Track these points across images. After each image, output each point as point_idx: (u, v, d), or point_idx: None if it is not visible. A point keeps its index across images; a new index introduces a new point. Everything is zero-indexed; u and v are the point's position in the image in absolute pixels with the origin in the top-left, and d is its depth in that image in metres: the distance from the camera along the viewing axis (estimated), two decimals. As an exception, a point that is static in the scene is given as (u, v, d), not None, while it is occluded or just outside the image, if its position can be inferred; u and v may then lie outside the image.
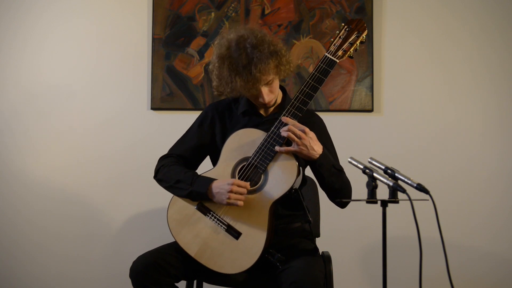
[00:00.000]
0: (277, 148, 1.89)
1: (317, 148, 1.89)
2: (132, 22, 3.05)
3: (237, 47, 1.92)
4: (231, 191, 1.88)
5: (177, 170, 2.03)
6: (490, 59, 2.96)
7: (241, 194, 1.88)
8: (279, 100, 2.08)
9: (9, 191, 3.04)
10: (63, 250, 3.01)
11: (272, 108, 2.08)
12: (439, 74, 2.98)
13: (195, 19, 3.02)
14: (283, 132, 1.87)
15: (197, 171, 2.08)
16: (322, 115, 2.21)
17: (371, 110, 2.95)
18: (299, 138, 1.85)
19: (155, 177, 2.11)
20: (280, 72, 1.97)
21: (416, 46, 2.99)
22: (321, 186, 2.01)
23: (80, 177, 3.02)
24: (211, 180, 1.95)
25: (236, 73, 1.90)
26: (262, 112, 2.09)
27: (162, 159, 2.13)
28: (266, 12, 3.00)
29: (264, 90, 1.94)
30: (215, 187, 1.92)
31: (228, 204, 1.89)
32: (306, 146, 1.86)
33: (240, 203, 1.88)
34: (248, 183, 1.91)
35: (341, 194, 1.99)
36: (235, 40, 1.93)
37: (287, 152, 1.88)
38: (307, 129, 1.87)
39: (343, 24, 1.98)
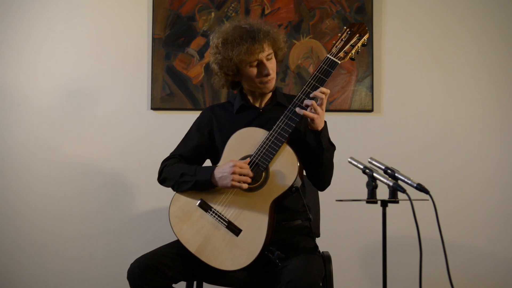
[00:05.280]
0: (297, 109, 1.91)
1: (323, 121, 1.98)
2: (132, 22, 3.05)
3: (235, 29, 2.01)
4: (233, 173, 1.90)
5: (180, 166, 2.06)
6: (490, 59, 2.96)
7: (244, 175, 1.90)
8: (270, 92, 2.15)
9: (9, 191, 3.04)
10: (63, 250, 3.01)
11: (266, 100, 2.14)
12: (439, 74, 2.98)
13: (195, 19, 3.02)
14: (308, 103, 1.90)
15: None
16: (322, 115, 2.20)
17: (371, 110, 2.95)
18: (321, 111, 1.90)
19: (158, 178, 2.12)
20: (276, 48, 2.04)
21: (416, 46, 2.99)
22: (315, 161, 2.00)
23: (80, 177, 3.02)
24: (213, 167, 1.98)
25: (241, 40, 1.96)
26: (257, 104, 2.14)
27: (164, 161, 2.16)
28: (266, 12, 3.00)
29: (266, 63, 2.01)
30: (218, 172, 1.94)
31: (233, 186, 1.90)
32: (322, 118, 1.93)
33: (245, 185, 1.90)
34: (248, 159, 1.93)
35: (329, 172, 2.04)
36: (231, 26, 2.04)
37: (305, 115, 1.90)
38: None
39: (345, 27, 2.01)
